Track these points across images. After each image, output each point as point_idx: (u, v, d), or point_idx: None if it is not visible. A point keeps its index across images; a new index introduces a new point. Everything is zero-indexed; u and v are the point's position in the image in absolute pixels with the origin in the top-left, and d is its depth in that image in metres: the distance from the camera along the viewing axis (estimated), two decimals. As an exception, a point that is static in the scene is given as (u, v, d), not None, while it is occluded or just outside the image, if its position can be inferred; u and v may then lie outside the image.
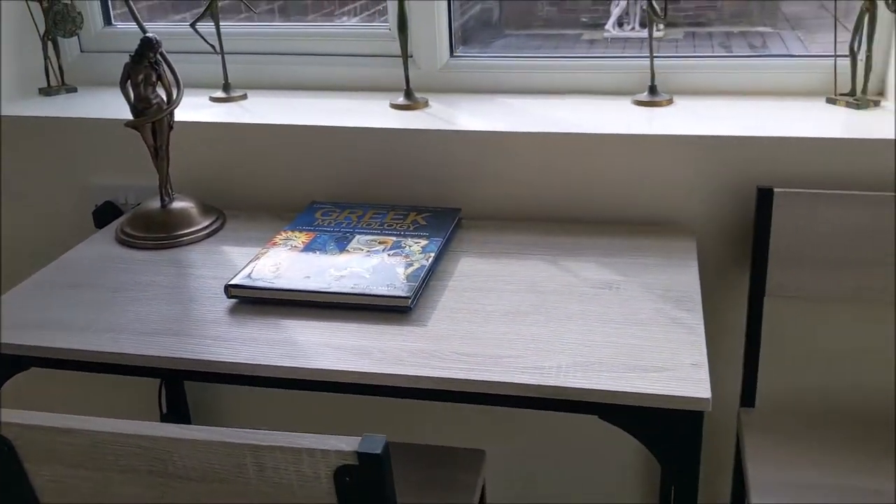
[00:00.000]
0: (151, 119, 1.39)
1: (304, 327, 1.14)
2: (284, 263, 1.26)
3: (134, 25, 1.76)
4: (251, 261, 1.28)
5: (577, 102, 1.57)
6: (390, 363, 1.05)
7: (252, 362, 1.07)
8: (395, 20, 1.57)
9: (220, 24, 1.66)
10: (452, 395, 1.03)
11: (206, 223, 1.47)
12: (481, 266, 1.29)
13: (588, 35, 3.12)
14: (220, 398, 1.81)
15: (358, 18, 2.01)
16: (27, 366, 1.17)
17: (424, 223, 1.38)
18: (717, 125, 1.40)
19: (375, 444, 0.76)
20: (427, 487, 1.28)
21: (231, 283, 1.22)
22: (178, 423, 1.02)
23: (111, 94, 1.75)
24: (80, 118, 1.63)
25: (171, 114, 1.41)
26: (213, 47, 1.67)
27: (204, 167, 1.59)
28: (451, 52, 1.69)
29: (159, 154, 1.43)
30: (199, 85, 1.74)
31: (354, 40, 1.72)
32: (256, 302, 1.21)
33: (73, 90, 1.81)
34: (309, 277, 1.22)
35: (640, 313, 1.14)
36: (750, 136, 1.36)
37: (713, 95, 1.57)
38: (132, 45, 1.79)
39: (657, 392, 0.97)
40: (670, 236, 1.37)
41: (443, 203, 1.51)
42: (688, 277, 1.23)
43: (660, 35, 1.83)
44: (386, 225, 1.38)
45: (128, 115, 1.43)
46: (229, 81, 1.70)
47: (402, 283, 1.19)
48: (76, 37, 1.81)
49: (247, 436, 0.79)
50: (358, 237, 1.34)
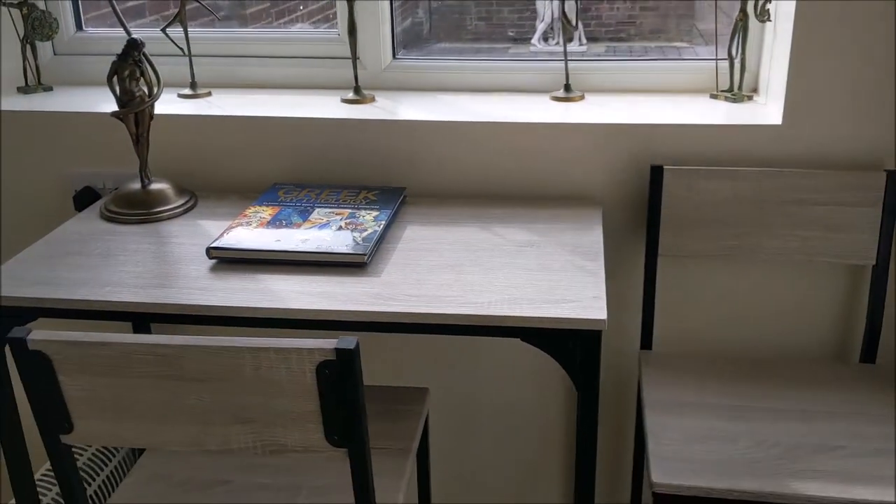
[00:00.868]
0: (135, 110, 1.59)
1: (277, 280, 1.36)
2: (256, 231, 1.48)
3: (104, 31, 1.99)
4: (226, 230, 1.49)
5: (503, 98, 1.83)
6: (353, 303, 1.28)
7: (238, 305, 1.28)
8: (346, 25, 1.80)
9: (188, 29, 1.87)
10: (405, 327, 1.26)
11: (181, 202, 1.68)
12: (424, 232, 1.53)
13: (515, 49, 3.38)
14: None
15: (308, 24, 2.24)
16: (35, 316, 1.36)
17: (374, 199, 1.62)
18: (620, 115, 1.67)
19: (349, 343, 1.00)
20: (378, 421, 1.50)
21: (212, 245, 1.43)
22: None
23: (84, 93, 1.94)
24: (60, 112, 1.81)
25: (152, 105, 1.62)
26: (182, 50, 1.88)
27: (177, 154, 1.79)
28: (394, 55, 1.93)
29: (140, 141, 1.64)
30: (167, 84, 1.94)
31: (307, 44, 1.95)
32: (234, 261, 1.43)
33: (49, 89, 1.99)
34: (279, 241, 1.44)
35: (554, 264, 1.39)
36: (645, 123, 1.63)
37: (617, 93, 1.84)
38: (101, 48, 2.00)
39: (566, 316, 1.22)
40: (581, 207, 1.63)
41: (389, 183, 1.75)
42: (592, 238, 1.49)
43: (583, 49, 2.04)
44: (341, 200, 1.61)
45: (102, 110, 1.66)
46: (196, 80, 1.91)
47: (360, 243, 1.42)
48: (50, 41, 1.99)
49: (245, 341, 1.01)
50: (318, 210, 1.57)
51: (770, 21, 1.67)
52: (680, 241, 1.63)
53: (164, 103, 1.83)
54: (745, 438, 1.41)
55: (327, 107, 1.79)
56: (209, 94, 1.91)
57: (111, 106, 1.81)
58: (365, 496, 1.09)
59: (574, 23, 1.77)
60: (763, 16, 1.66)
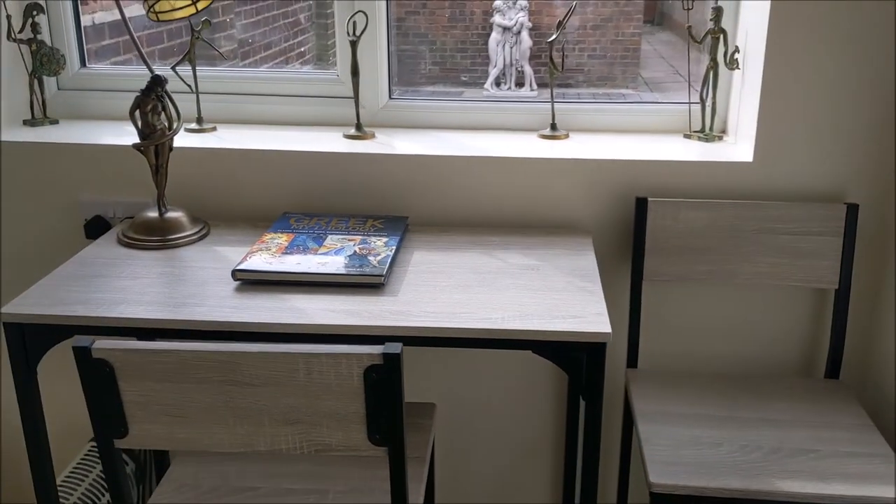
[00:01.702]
0: (157, 142, 1.69)
1: (301, 300, 1.47)
2: (276, 255, 1.58)
3: (107, 67, 2.09)
4: (247, 255, 1.59)
5: (493, 136, 1.97)
6: (376, 319, 1.39)
7: (271, 321, 1.38)
8: (349, 67, 1.93)
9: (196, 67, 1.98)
10: (427, 341, 1.38)
11: (196, 230, 1.77)
12: (432, 257, 1.65)
13: (468, 93, 3.54)
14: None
15: (298, 65, 2.36)
16: (70, 334, 1.44)
17: (381, 226, 1.73)
18: (604, 152, 1.83)
19: (395, 348, 1.11)
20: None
21: (237, 268, 1.53)
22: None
23: (90, 126, 2.02)
24: (72, 144, 1.90)
25: (172, 138, 1.72)
26: (190, 87, 1.98)
27: (189, 184, 1.89)
28: (390, 95, 2.06)
29: (159, 172, 1.73)
30: (174, 118, 2.04)
31: (306, 84, 2.07)
32: (258, 283, 1.53)
33: (55, 122, 2.07)
34: (300, 264, 1.55)
35: (556, 284, 1.52)
36: (629, 159, 1.79)
37: (598, 132, 2.00)
38: (104, 84, 2.10)
39: (574, 329, 1.35)
40: (572, 235, 1.78)
41: (391, 213, 1.87)
42: (588, 262, 1.63)
43: (534, 95, 2.17)
44: (350, 228, 1.72)
45: (111, 142, 1.81)
46: (202, 115, 2.02)
47: (376, 266, 1.53)
48: (56, 76, 2.08)
49: (299, 347, 1.12)
50: (331, 236, 1.68)
51: (738, 69, 1.85)
52: (663, 266, 1.78)
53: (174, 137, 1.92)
54: (728, 444, 1.55)
55: (331, 142, 1.90)
56: (214, 128, 2.01)
57: (117, 139, 1.90)
58: (401, 491, 1.19)
59: (561, 67, 1.93)
60: (732, 64, 1.84)
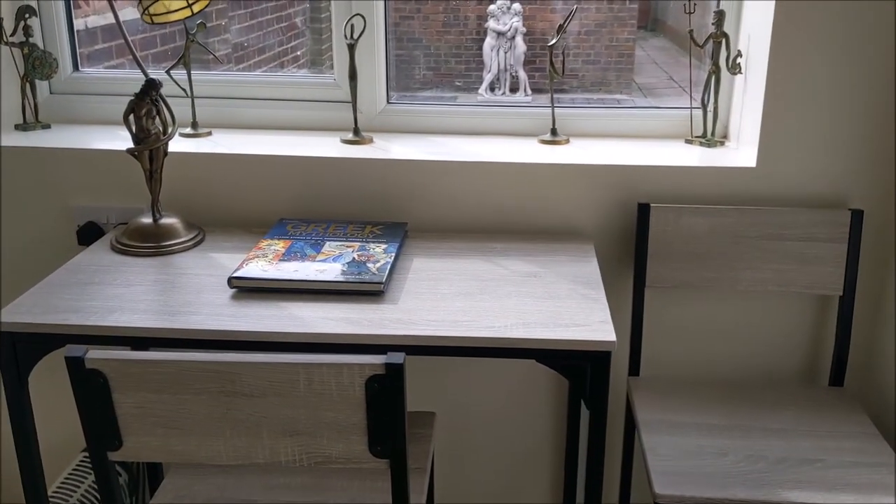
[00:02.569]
0: (151, 146, 1.66)
1: (299, 307, 1.44)
2: (273, 262, 1.55)
3: (100, 71, 2.06)
4: (244, 262, 1.56)
5: (493, 141, 1.95)
6: (376, 327, 1.36)
7: (268, 330, 1.35)
8: (346, 71, 1.90)
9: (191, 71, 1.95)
10: (429, 350, 1.35)
11: (191, 236, 1.74)
12: (432, 264, 1.63)
13: (462, 98, 3.51)
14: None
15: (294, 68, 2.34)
16: (62, 343, 1.41)
17: (380, 233, 1.70)
18: (605, 157, 1.81)
19: (398, 358, 1.08)
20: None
21: (234, 275, 1.50)
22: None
23: (82, 131, 1.99)
24: (65, 148, 1.86)
25: (167, 143, 1.69)
26: (185, 90, 1.95)
27: (183, 190, 1.85)
28: (388, 100, 2.04)
29: (153, 177, 1.70)
30: (168, 123, 2.01)
31: (303, 88, 2.04)
32: (255, 290, 1.50)
33: (47, 127, 2.03)
34: (297, 271, 1.52)
35: (558, 292, 1.50)
36: (632, 164, 1.77)
37: (598, 137, 1.97)
38: (97, 88, 2.06)
39: (578, 338, 1.33)
40: (573, 241, 1.75)
41: (390, 219, 1.84)
42: (591, 269, 1.61)
43: (528, 100, 2.15)
44: (349, 234, 1.70)
45: (104, 147, 1.77)
46: (197, 120, 1.99)
47: (375, 273, 1.51)
48: (48, 80, 2.04)
49: (299, 357, 1.09)
50: (328, 243, 1.65)
51: (741, 73, 1.83)
52: (665, 273, 1.75)
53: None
54: (733, 453, 1.52)
55: (329, 147, 1.88)
56: (209, 133, 1.99)
57: (110, 144, 1.87)
58: (403, 503, 1.16)
59: (561, 71, 1.91)
60: (734, 69, 1.82)
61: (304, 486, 1.45)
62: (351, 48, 1.87)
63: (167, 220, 1.73)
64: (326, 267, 1.54)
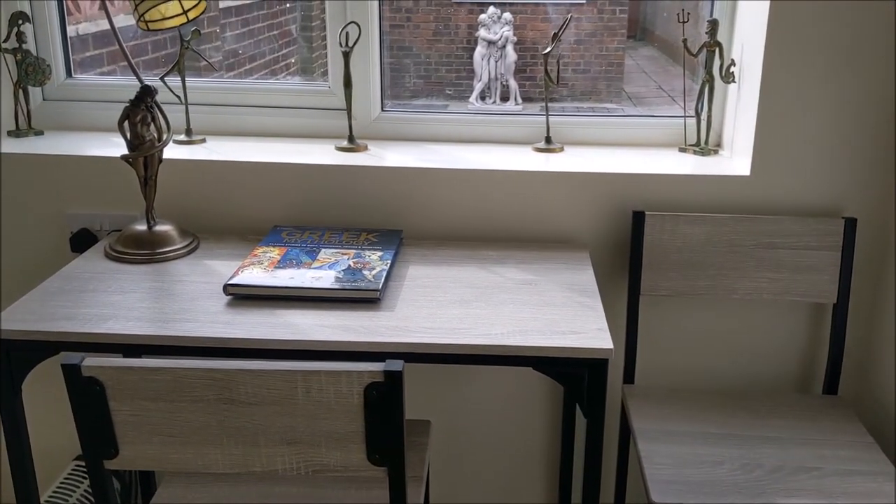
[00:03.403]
0: (146, 153, 1.65)
1: (295, 315, 1.43)
2: (268, 270, 1.55)
3: (93, 78, 2.06)
4: (239, 269, 1.55)
5: (487, 148, 1.95)
6: (373, 335, 1.36)
7: (264, 337, 1.35)
8: (341, 78, 1.90)
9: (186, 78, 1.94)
10: (426, 357, 1.35)
11: (185, 243, 1.73)
12: (428, 271, 1.63)
13: (453, 106, 3.51)
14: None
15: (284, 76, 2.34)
16: (57, 350, 1.40)
17: (375, 240, 1.70)
18: (600, 165, 1.81)
19: (396, 365, 1.08)
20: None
21: (229, 282, 1.49)
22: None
23: (76, 137, 1.98)
24: (58, 155, 1.85)
25: (161, 150, 1.68)
26: (179, 98, 1.95)
27: (177, 197, 1.85)
28: (382, 107, 2.04)
29: (148, 184, 1.69)
30: (162, 130, 2.00)
31: (298, 95, 2.04)
32: (250, 298, 1.49)
33: (39, 133, 2.02)
34: (293, 278, 1.51)
35: (555, 300, 1.50)
36: (626, 173, 1.77)
37: (592, 145, 1.98)
38: (90, 95, 2.05)
39: (575, 345, 1.33)
40: (568, 249, 1.75)
41: (385, 226, 1.84)
42: (586, 277, 1.61)
43: (519, 108, 2.15)
44: (344, 241, 1.69)
45: (97, 154, 1.77)
46: (191, 127, 1.98)
47: (371, 280, 1.50)
48: (41, 86, 2.03)
49: (298, 365, 1.08)
50: (324, 250, 1.65)
51: (734, 82, 1.84)
52: (660, 281, 1.76)
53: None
54: (729, 462, 1.52)
55: (324, 154, 1.87)
56: (204, 140, 1.98)
57: (104, 150, 1.87)
58: (402, 513, 1.16)
59: (556, 79, 1.91)
60: (728, 78, 1.83)
61: (301, 494, 1.44)
62: (346, 56, 1.87)
63: (161, 227, 1.72)
64: (322, 274, 1.53)
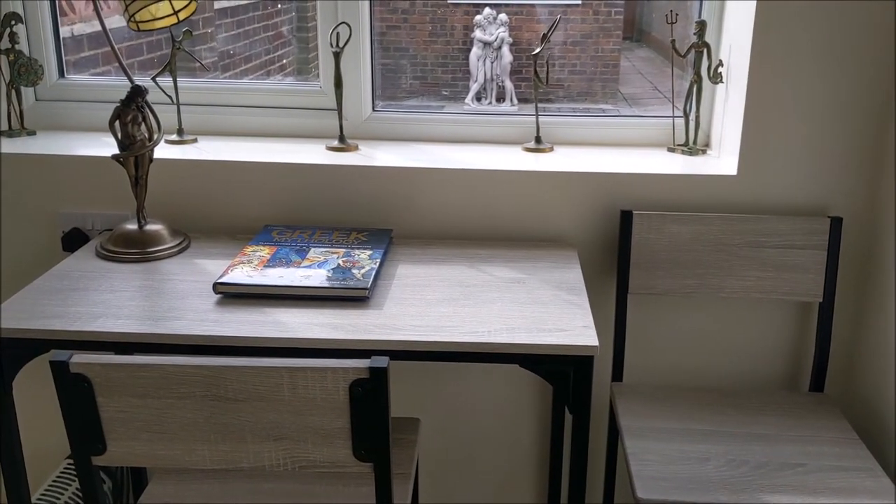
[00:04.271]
0: (137, 153, 1.66)
1: (284, 313, 1.44)
2: (258, 268, 1.56)
3: (85, 78, 2.07)
4: (229, 268, 1.57)
5: (477, 148, 1.96)
6: (361, 333, 1.37)
7: (252, 336, 1.36)
8: (332, 79, 1.91)
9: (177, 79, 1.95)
10: (413, 355, 1.36)
11: (176, 242, 1.74)
12: (416, 270, 1.64)
13: (449, 108, 3.52)
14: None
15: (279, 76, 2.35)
16: (47, 349, 1.40)
17: (365, 239, 1.71)
18: (589, 165, 1.82)
19: (382, 362, 1.09)
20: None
21: (219, 281, 1.50)
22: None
23: (68, 137, 1.99)
24: (50, 155, 1.86)
25: (152, 149, 1.69)
26: (171, 98, 1.96)
27: (168, 196, 1.86)
28: (373, 107, 2.05)
29: (139, 183, 1.70)
30: (154, 130, 2.01)
31: (289, 95, 2.05)
32: (239, 296, 1.50)
33: (32, 133, 2.03)
34: (282, 277, 1.52)
35: (542, 298, 1.51)
36: (614, 172, 1.78)
37: (582, 145, 1.99)
38: (83, 95, 2.06)
39: (562, 343, 1.34)
40: (557, 248, 1.77)
41: (375, 226, 1.85)
42: (574, 275, 1.62)
43: (515, 109, 2.16)
44: (334, 241, 1.70)
45: (89, 154, 1.79)
46: (182, 127, 1.99)
47: (360, 279, 1.52)
48: (34, 87, 2.04)
49: (283, 361, 1.10)
50: (314, 249, 1.66)
51: (722, 83, 1.85)
52: (648, 280, 1.77)
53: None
54: (715, 459, 1.54)
55: (314, 154, 1.88)
56: (195, 140, 1.99)
57: (95, 150, 1.88)
58: (387, 509, 1.17)
59: (545, 80, 1.93)
60: (716, 78, 1.85)
61: (289, 490, 1.45)
62: (336, 56, 1.88)
63: (152, 227, 1.73)
64: (311, 273, 1.54)
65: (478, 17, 4.65)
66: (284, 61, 3.32)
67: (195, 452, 1.15)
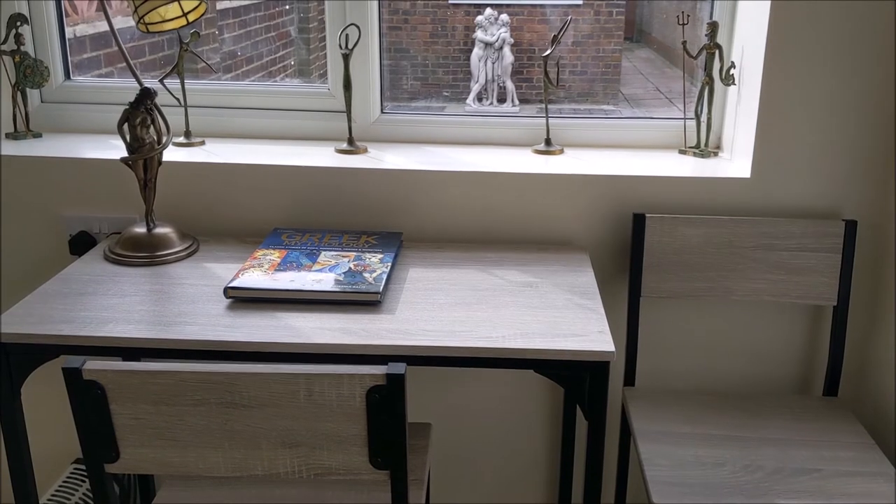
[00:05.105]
0: (146, 156, 1.65)
1: (296, 318, 1.43)
2: (269, 272, 1.54)
3: (91, 80, 2.06)
4: (240, 272, 1.55)
5: (487, 150, 1.95)
6: (374, 338, 1.36)
7: (264, 340, 1.34)
8: (340, 80, 1.90)
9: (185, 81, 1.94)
10: (427, 360, 1.34)
11: (185, 246, 1.73)
12: (428, 273, 1.62)
13: (450, 108, 3.51)
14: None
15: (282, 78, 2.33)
16: (57, 354, 1.39)
17: (375, 242, 1.70)
18: (600, 167, 1.81)
19: (399, 368, 1.07)
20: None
21: (230, 285, 1.49)
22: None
23: (74, 140, 1.98)
24: (54, 157, 1.85)
25: (161, 152, 1.68)
26: (178, 100, 1.94)
27: (177, 199, 1.84)
28: (382, 110, 2.03)
29: (147, 186, 1.69)
30: (161, 132, 2.00)
31: (297, 97, 2.04)
32: (250, 300, 1.49)
33: (38, 136, 2.02)
34: (293, 281, 1.51)
35: (555, 302, 1.50)
36: (627, 175, 1.77)
37: (592, 147, 1.98)
38: (89, 97, 2.05)
39: (577, 348, 1.32)
40: (569, 252, 1.75)
41: (385, 228, 1.84)
42: (587, 279, 1.61)
43: (516, 110, 2.15)
44: (344, 244, 1.69)
45: (95, 156, 1.78)
46: (190, 129, 1.98)
47: (372, 283, 1.50)
48: (40, 88, 2.03)
49: (300, 368, 1.08)
50: (324, 253, 1.64)
51: (734, 85, 1.84)
52: (660, 283, 1.75)
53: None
54: (730, 464, 1.52)
55: (323, 156, 1.87)
56: (203, 142, 1.98)
57: (102, 153, 1.86)
58: (404, 517, 1.15)
59: (556, 81, 1.91)
60: (728, 80, 1.83)
61: (301, 497, 1.43)
62: (346, 58, 1.87)
63: (161, 230, 1.72)
64: (322, 277, 1.53)
65: (479, 18, 4.63)
66: (288, 62, 3.30)
67: (209, 459, 1.14)
